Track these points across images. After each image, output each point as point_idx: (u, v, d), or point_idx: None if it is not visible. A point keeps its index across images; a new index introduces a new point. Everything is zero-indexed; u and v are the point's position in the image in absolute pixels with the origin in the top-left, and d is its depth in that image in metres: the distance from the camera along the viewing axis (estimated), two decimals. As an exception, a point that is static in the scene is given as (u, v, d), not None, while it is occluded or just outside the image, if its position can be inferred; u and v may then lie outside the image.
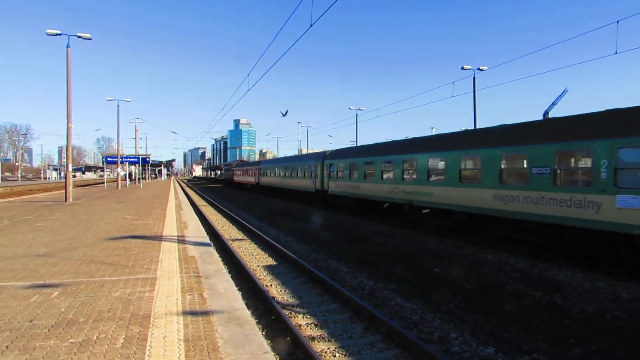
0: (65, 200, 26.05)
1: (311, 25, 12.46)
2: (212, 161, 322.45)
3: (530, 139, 12.49)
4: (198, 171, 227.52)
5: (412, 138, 21.49)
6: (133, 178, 78.30)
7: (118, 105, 49.04)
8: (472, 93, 30.03)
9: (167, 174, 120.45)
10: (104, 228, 14.36)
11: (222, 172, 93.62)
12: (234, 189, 61.92)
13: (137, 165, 64.59)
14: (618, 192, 9.89)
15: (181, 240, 12.34)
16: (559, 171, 11.64)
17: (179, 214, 20.03)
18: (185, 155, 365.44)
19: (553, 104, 14.24)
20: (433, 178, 16.90)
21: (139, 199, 30.48)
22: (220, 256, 11.36)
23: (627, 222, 9.67)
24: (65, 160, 29.97)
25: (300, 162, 33.71)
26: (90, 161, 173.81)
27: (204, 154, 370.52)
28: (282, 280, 10.50)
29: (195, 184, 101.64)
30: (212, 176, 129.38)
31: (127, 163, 60.23)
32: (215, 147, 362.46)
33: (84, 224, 15.44)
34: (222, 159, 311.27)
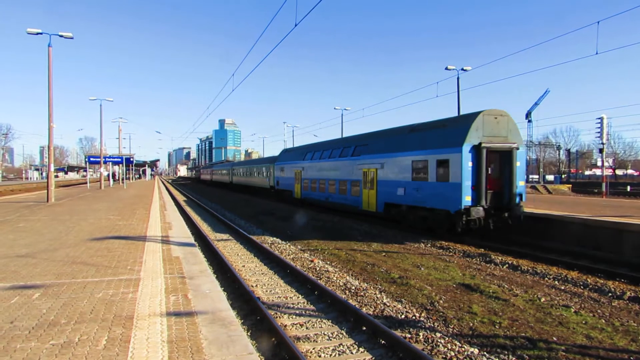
0: (47, 201, 25.62)
1: (295, 25, 12.49)
2: (197, 161, 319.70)
3: (261, 162, 46.26)
4: (183, 171, 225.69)
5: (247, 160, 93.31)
6: (116, 178, 77.33)
7: (101, 105, 48.51)
8: (457, 93, 30.29)
9: (151, 174, 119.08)
10: (86, 229, 14.15)
11: (196, 172, 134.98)
12: (215, 188, 68.65)
13: (120, 165, 63.84)
14: (268, 177, 40.16)
15: (165, 241, 12.21)
16: (261, 173, 43.15)
17: (163, 214, 19.83)
18: (169, 155, 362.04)
19: (535, 104, 14.68)
20: (247, 174, 49.58)
21: (122, 199, 30.11)
22: (205, 257, 11.29)
23: (269, 184, 39.77)
24: (47, 160, 29.48)
25: (223, 167, 70.95)
26: (72, 161, 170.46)
27: (188, 154, 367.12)
28: (267, 280, 10.47)
29: (180, 184, 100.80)
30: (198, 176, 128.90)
31: (110, 163, 59.48)
32: (200, 147, 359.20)
33: (66, 224, 15.19)
34: (207, 159, 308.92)
